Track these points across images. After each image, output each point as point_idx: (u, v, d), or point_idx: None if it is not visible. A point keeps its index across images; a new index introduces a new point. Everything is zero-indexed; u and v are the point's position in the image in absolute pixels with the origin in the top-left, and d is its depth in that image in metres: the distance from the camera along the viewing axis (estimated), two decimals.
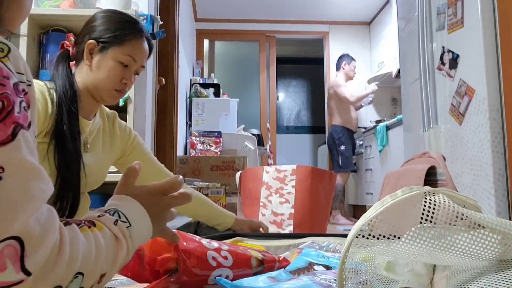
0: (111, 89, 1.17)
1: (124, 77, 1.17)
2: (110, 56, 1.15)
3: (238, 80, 6.17)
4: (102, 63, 1.15)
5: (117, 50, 1.15)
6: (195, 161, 3.29)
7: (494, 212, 1.74)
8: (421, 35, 2.33)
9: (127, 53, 1.16)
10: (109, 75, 1.15)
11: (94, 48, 1.15)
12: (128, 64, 1.17)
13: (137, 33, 1.18)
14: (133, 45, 1.17)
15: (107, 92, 1.17)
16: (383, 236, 0.50)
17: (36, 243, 0.31)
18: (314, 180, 1.89)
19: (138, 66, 1.20)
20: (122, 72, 1.16)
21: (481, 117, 1.83)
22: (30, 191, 0.32)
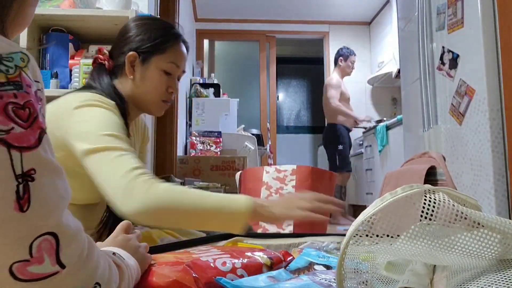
0: (159, 100, 1.14)
1: (169, 86, 1.14)
2: (154, 67, 1.11)
3: (238, 80, 6.18)
4: (146, 75, 1.11)
5: (159, 59, 1.11)
6: (195, 161, 3.29)
7: (494, 212, 1.74)
8: (421, 35, 2.33)
9: (170, 61, 1.12)
10: (156, 87, 1.12)
11: (135, 60, 1.11)
12: (171, 72, 1.14)
13: (177, 38, 1.15)
14: (174, 51, 1.14)
15: (155, 105, 1.14)
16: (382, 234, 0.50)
17: (69, 239, 0.34)
18: (314, 180, 1.89)
19: (181, 72, 1.18)
20: (167, 81, 1.13)
21: (481, 117, 1.83)
22: (58, 189, 0.35)
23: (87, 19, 1.81)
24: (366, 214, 0.49)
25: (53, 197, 0.34)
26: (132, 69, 1.11)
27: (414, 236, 0.49)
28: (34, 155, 0.32)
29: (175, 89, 1.16)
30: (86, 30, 1.90)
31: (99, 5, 1.88)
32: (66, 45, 1.86)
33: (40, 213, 0.32)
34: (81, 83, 1.74)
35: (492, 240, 0.48)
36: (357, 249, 0.52)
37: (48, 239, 0.32)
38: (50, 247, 0.32)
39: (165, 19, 1.25)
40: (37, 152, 0.32)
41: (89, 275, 0.37)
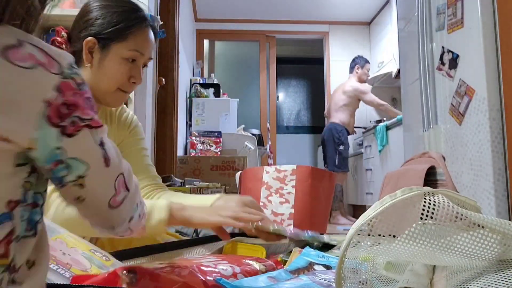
0: (117, 90, 1.03)
1: (132, 75, 1.03)
2: (114, 54, 1.01)
3: (238, 80, 6.18)
4: (104, 63, 1.01)
5: (120, 46, 1.00)
6: (195, 161, 3.29)
7: (494, 212, 1.74)
8: (421, 35, 2.33)
9: (132, 48, 1.01)
10: (115, 76, 1.01)
11: (94, 46, 1.00)
12: (135, 59, 1.03)
13: (141, 22, 1.03)
14: (138, 38, 1.02)
15: (111, 94, 1.04)
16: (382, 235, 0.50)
17: (128, 174, 0.52)
18: (314, 180, 1.89)
19: (146, 59, 1.06)
20: (129, 70, 1.03)
21: (481, 117, 1.83)
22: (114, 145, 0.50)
23: None
24: (366, 217, 0.49)
25: (115, 152, 0.49)
26: (90, 56, 1.01)
27: (412, 237, 0.49)
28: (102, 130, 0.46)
29: (138, 78, 1.05)
30: None
31: None
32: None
33: (115, 163, 0.48)
34: None
35: (491, 241, 0.48)
36: (357, 251, 0.52)
37: (121, 178, 0.49)
38: (123, 181, 0.50)
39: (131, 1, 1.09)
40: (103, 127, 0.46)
41: (139, 196, 0.56)
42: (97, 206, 0.47)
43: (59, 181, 0.43)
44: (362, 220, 0.49)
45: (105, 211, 0.48)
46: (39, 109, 0.39)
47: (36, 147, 0.40)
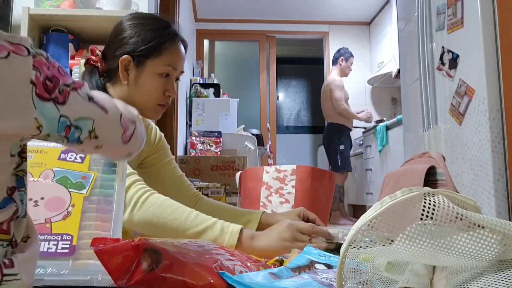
0: (155, 105, 1.07)
1: (166, 89, 1.07)
2: (149, 70, 1.04)
3: (238, 80, 6.18)
4: (140, 79, 1.04)
5: (155, 62, 1.04)
6: (195, 161, 3.29)
7: (494, 212, 1.74)
8: (421, 35, 2.33)
9: (166, 63, 1.05)
10: (151, 91, 1.05)
11: (129, 63, 1.04)
12: (168, 74, 1.07)
13: (173, 38, 1.08)
14: (171, 53, 1.06)
15: (151, 109, 1.07)
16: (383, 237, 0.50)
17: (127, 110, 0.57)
18: (314, 180, 1.89)
19: (179, 73, 1.11)
20: (163, 85, 1.06)
21: (481, 117, 1.83)
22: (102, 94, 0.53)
23: (87, 19, 1.81)
24: (366, 218, 0.49)
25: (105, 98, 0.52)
26: (126, 73, 1.05)
27: (412, 237, 0.49)
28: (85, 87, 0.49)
29: (173, 92, 1.09)
30: (86, 30, 1.90)
31: (99, 5, 1.88)
32: (66, 45, 1.86)
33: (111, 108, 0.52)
34: None
35: (491, 242, 0.48)
36: (357, 251, 0.52)
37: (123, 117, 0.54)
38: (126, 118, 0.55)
39: (161, 17, 1.17)
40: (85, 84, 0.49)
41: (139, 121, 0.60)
42: (114, 146, 0.55)
43: (77, 141, 0.48)
44: (363, 221, 0.49)
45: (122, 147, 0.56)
46: (29, 91, 0.42)
47: (43, 123, 0.43)
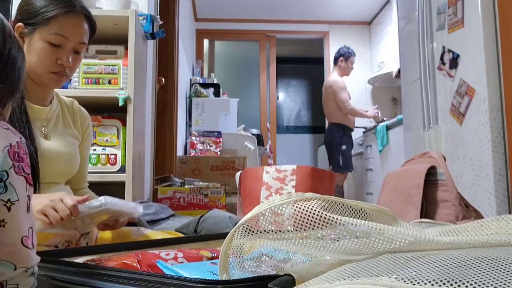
0: (47, 72, 1.10)
1: (59, 57, 1.09)
2: (38, 38, 1.08)
3: (238, 80, 6.17)
4: (31, 46, 1.08)
5: (43, 30, 1.08)
6: (195, 161, 3.29)
7: (494, 212, 1.74)
8: (421, 35, 2.33)
9: (54, 32, 1.08)
10: (41, 58, 1.08)
11: (23, 31, 1.09)
12: (59, 44, 1.09)
13: (64, 8, 1.09)
14: (60, 22, 1.08)
15: (45, 76, 1.10)
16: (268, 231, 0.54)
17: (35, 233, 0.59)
18: (314, 180, 1.89)
19: (75, 44, 1.12)
20: (54, 53, 1.09)
21: (482, 117, 1.83)
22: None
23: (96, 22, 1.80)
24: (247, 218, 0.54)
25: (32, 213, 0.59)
26: (22, 40, 1.09)
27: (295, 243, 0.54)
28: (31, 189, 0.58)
29: (66, 61, 1.10)
30: None
31: (99, 5, 1.88)
32: None
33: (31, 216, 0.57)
34: (81, 83, 1.74)
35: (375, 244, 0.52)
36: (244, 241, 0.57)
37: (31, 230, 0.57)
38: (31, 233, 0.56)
39: None
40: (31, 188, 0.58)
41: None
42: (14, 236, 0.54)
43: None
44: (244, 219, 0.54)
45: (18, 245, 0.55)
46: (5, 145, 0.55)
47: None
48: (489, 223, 0.59)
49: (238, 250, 0.57)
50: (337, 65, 4.36)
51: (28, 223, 0.56)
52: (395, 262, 0.47)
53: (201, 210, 2.18)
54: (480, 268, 0.41)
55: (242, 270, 0.57)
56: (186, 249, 0.83)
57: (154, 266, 0.70)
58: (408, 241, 0.52)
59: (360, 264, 0.48)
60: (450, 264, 0.43)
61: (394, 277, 0.41)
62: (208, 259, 0.79)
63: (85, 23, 1.14)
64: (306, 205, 0.53)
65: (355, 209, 0.56)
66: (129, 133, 1.72)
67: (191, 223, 1.42)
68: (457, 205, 1.27)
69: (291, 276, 0.51)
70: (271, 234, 0.54)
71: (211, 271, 0.65)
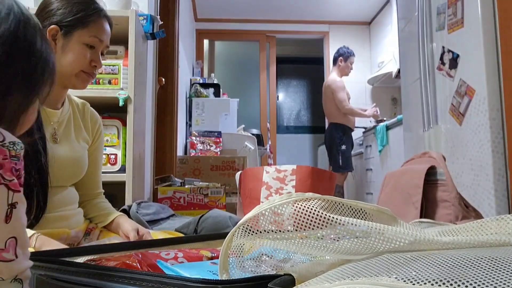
0: (80, 71, 1.15)
1: (92, 59, 1.16)
2: (76, 40, 1.13)
3: (238, 80, 6.18)
4: (68, 48, 1.12)
5: (82, 33, 1.13)
6: (195, 161, 3.29)
7: (494, 212, 1.74)
8: (421, 35, 2.33)
9: (92, 35, 1.14)
10: (78, 59, 1.13)
11: (57, 33, 1.12)
12: (94, 45, 1.16)
13: (98, 12, 1.17)
14: (97, 26, 1.16)
15: (76, 76, 1.15)
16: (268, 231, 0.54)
17: (22, 245, 0.55)
18: (314, 180, 1.89)
19: (104, 47, 1.19)
20: (90, 55, 1.15)
21: (481, 117, 1.83)
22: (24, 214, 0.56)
23: None
24: (247, 218, 0.54)
25: (23, 218, 0.56)
26: (54, 42, 1.12)
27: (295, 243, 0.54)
28: (19, 195, 0.55)
29: (98, 62, 1.17)
30: None
31: None
32: None
33: (14, 226, 0.54)
34: None
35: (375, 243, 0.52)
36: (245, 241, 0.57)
37: (13, 241, 0.54)
38: (13, 245, 0.54)
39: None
40: (20, 193, 0.55)
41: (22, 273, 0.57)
42: None
43: None
44: (244, 219, 0.54)
45: None
46: None
47: None
48: (488, 223, 0.59)
49: (238, 250, 0.57)
50: (336, 65, 4.36)
51: (7, 233, 0.53)
52: (395, 262, 0.47)
53: (201, 210, 2.18)
54: (480, 268, 0.41)
55: (242, 270, 0.57)
56: (186, 249, 0.84)
57: (154, 266, 0.70)
58: (408, 241, 0.52)
59: (360, 264, 0.48)
60: (450, 264, 0.44)
61: (394, 277, 0.41)
62: (208, 259, 0.79)
63: (109, 26, 1.22)
64: (306, 205, 0.53)
65: (355, 209, 0.57)
66: (129, 133, 1.72)
67: (191, 223, 1.42)
68: (457, 205, 1.27)
69: (291, 276, 0.51)
70: (271, 234, 0.54)
71: (211, 271, 0.65)
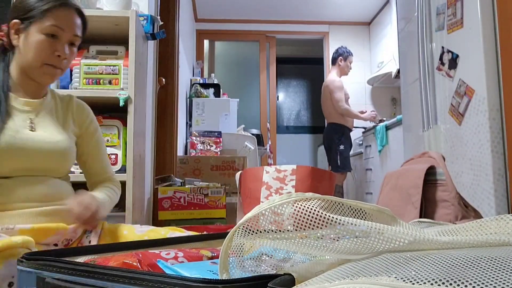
0: (43, 64, 1.12)
1: (55, 49, 1.12)
2: (35, 30, 1.11)
3: (238, 80, 6.18)
4: (28, 40, 1.11)
5: (40, 22, 1.11)
6: (195, 161, 3.29)
7: (494, 212, 1.75)
8: (420, 35, 2.34)
9: (51, 23, 1.11)
10: (38, 50, 1.11)
11: (19, 27, 1.12)
12: (56, 34, 1.13)
13: (57, 1, 1.14)
14: (56, 15, 1.13)
15: (41, 69, 1.13)
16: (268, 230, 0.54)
17: None
18: (314, 180, 1.89)
19: (70, 36, 1.15)
20: (51, 44, 1.12)
21: (481, 117, 1.83)
22: None
23: (88, 19, 1.81)
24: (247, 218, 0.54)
25: None
26: (18, 36, 1.12)
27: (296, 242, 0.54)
28: None
29: (62, 52, 1.14)
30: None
31: (99, 5, 1.88)
32: None
33: None
34: (81, 83, 1.74)
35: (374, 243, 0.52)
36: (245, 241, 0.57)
37: None
38: None
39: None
40: None
41: None
42: None
43: None
44: (244, 219, 0.54)
45: None
46: None
47: None
48: (488, 223, 0.59)
49: (238, 249, 0.57)
50: (336, 65, 4.36)
51: None
52: (395, 261, 0.47)
53: (201, 210, 2.19)
54: (479, 267, 0.42)
55: (242, 269, 0.57)
56: (187, 248, 0.84)
57: (155, 265, 0.70)
58: (408, 241, 0.52)
59: (359, 263, 0.48)
60: (450, 264, 0.44)
61: (394, 276, 0.42)
62: (208, 258, 0.79)
63: (77, 16, 1.19)
64: (306, 205, 0.53)
65: (354, 209, 0.57)
66: (130, 133, 1.72)
67: None
68: (456, 205, 1.28)
69: (291, 275, 0.51)
70: (271, 234, 0.54)
71: (211, 270, 0.65)
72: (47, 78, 1.16)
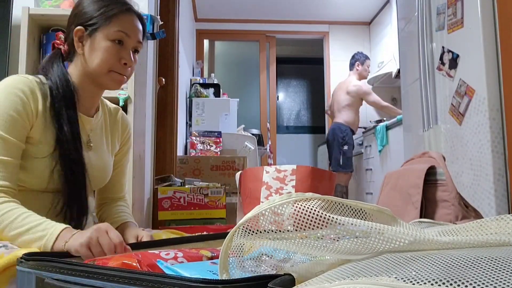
0: (109, 71, 1.09)
1: (122, 56, 1.09)
2: (101, 37, 1.07)
3: (238, 80, 6.18)
4: (94, 46, 1.07)
5: (106, 29, 1.07)
6: (195, 161, 3.29)
7: (494, 212, 1.74)
8: (421, 35, 2.33)
9: (117, 29, 1.08)
10: (105, 57, 1.07)
11: (83, 34, 1.09)
12: (122, 40, 1.09)
13: (123, 7, 1.11)
14: (121, 20, 1.09)
15: (106, 76, 1.09)
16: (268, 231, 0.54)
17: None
18: (314, 180, 1.89)
19: (135, 42, 1.12)
20: (118, 51, 1.09)
21: (481, 117, 1.83)
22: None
23: None
24: (247, 218, 0.54)
25: None
26: (81, 44, 1.09)
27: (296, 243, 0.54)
28: None
29: (128, 60, 1.10)
30: None
31: None
32: None
33: None
34: None
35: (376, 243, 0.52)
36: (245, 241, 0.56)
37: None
38: None
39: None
40: None
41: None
42: None
43: None
44: (244, 219, 0.54)
45: None
46: None
47: None
48: (488, 223, 0.59)
49: (238, 250, 0.57)
50: (353, 70, 4.50)
51: None
52: (395, 261, 0.47)
53: (201, 210, 2.18)
54: (480, 268, 0.41)
55: (242, 269, 0.57)
56: (186, 249, 0.84)
57: (154, 265, 0.70)
58: (408, 241, 0.52)
59: (359, 263, 0.48)
60: (450, 264, 0.44)
61: (394, 276, 0.42)
62: (208, 258, 0.79)
63: (139, 22, 1.15)
64: (306, 205, 0.53)
65: (354, 209, 0.57)
66: None
67: None
68: (457, 205, 1.27)
69: (291, 275, 0.51)
70: (271, 234, 0.54)
71: (211, 270, 0.65)
72: (115, 84, 1.12)
